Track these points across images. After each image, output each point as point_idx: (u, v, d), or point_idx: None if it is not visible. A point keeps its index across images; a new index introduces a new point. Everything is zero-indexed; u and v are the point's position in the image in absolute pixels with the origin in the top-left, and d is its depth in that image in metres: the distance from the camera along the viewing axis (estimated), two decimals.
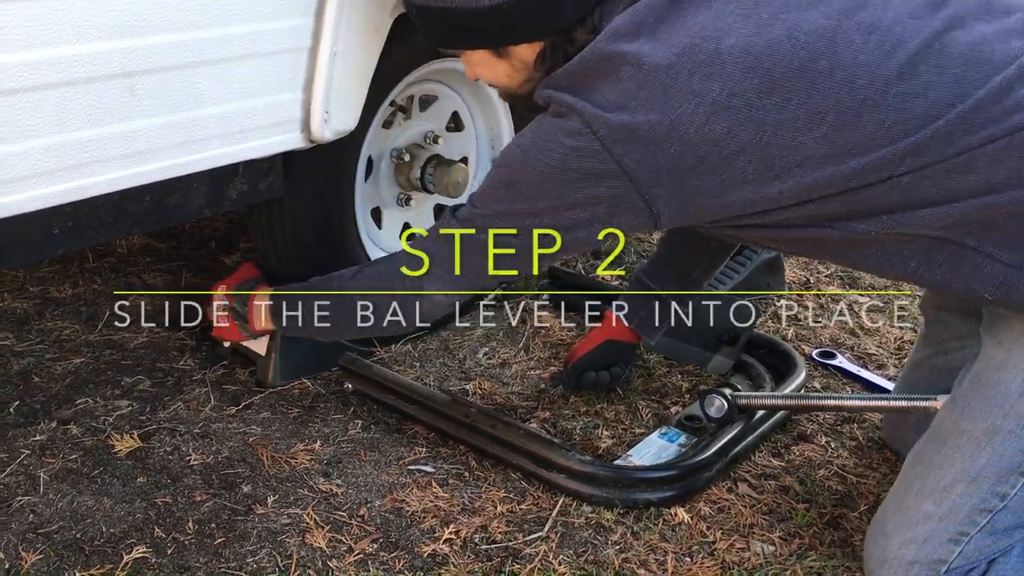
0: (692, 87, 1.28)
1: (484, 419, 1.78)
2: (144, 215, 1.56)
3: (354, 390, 1.95)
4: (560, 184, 1.37)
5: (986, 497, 1.35)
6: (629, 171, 1.32)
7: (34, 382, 1.97)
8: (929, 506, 1.39)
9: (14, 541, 1.52)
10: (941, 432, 1.42)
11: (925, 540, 1.38)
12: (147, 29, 1.38)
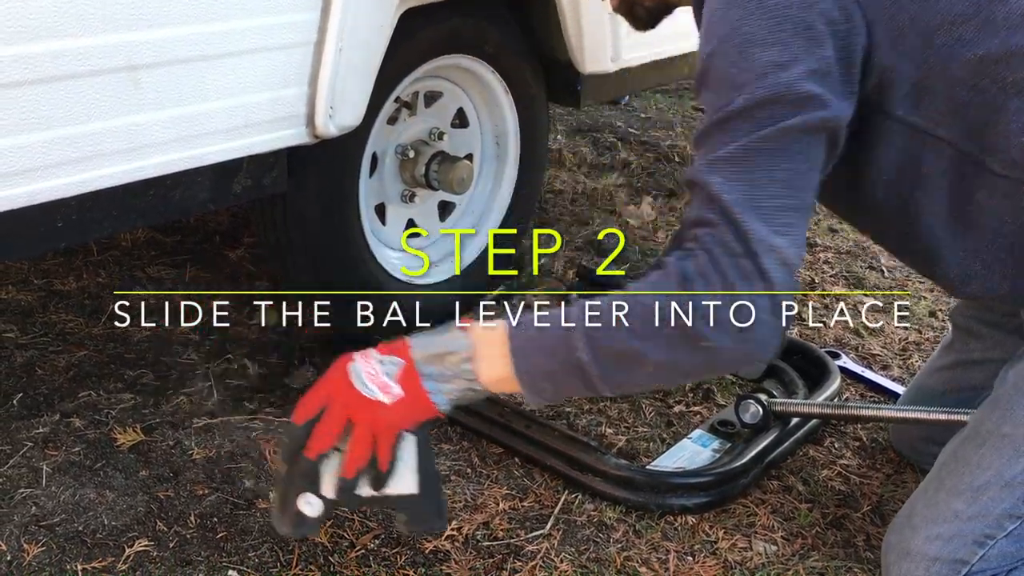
0: None
1: (518, 419, 1.77)
2: (148, 209, 1.56)
3: None
4: (802, 9, 1.16)
5: (1017, 503, 1.33)
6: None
7: (37, 374, 1.97)
8: (959, 505, 1.37)
9: (16, 533, 1.52)
10: (980, 432, 1.40)
11: (951, 538, 1.36)
12: (152, 22, 1.38)
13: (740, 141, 1.17)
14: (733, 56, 1.19)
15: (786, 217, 1.16)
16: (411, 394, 1.16)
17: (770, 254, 1.13)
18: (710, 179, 1.17)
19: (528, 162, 2.37)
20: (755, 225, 1.14)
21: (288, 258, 1.97)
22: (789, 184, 1.17)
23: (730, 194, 1.15)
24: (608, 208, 3.07)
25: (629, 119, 4.18)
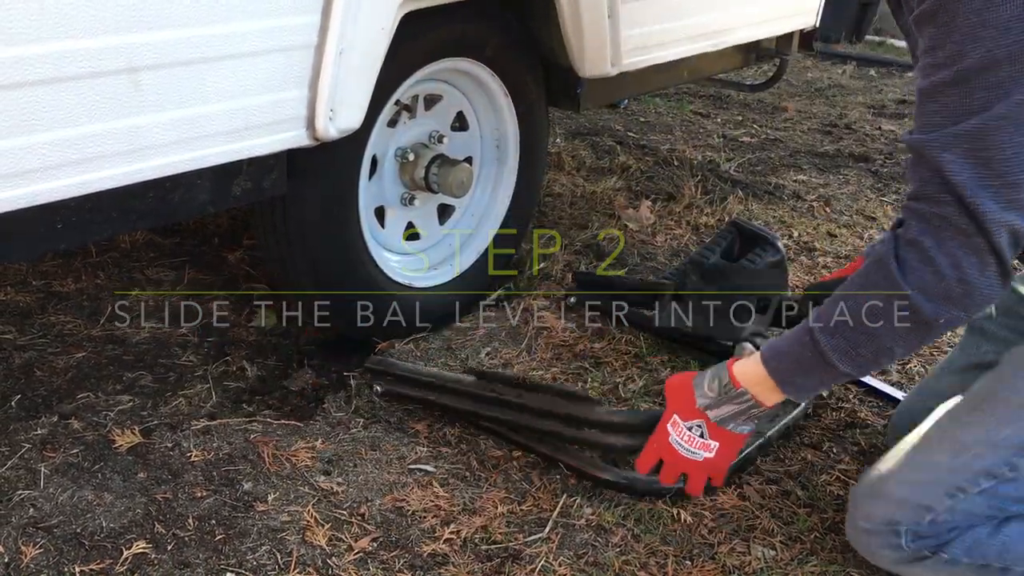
0: None
1: (509, 390, 1.77)
2: (148, 211, 1.56)
3: (385, 391, 1.93)
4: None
5: (998, 463, 1.37)
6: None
7: (36, 376, 1.97)
8: (942, 457, 1.40)
9: (14, 535, 1.51)
10: (978, 395, 1.44)
11: (924, 484, 1.40)
12: (153, 24, 1.38)
13: (976, 117, 1.19)
14: (977, 3, 1.15)
15: (1015, 190, 1.20)
16: (725, 441, 1.51)
17: (1001, 229, 1.21)
18: (942, 157, 1.22)
19: (527, 165, 2.37)
20: (987, 204, 1.20)
21: (287, 261, 1.97)
22: (1020, 156, 1.19)
23: (961, 175, 1.21)
24: (607, 211, 3.08)
25: (628, 123, 4.18)
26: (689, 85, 4.74)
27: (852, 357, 1.36)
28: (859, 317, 1.33)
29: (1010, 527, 1.40)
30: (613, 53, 2.21)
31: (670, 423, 1.53)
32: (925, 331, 1.32)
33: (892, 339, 1.33)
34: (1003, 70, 1.16)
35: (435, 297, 2.24)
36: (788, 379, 1.43)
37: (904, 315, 1.29)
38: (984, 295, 1.27)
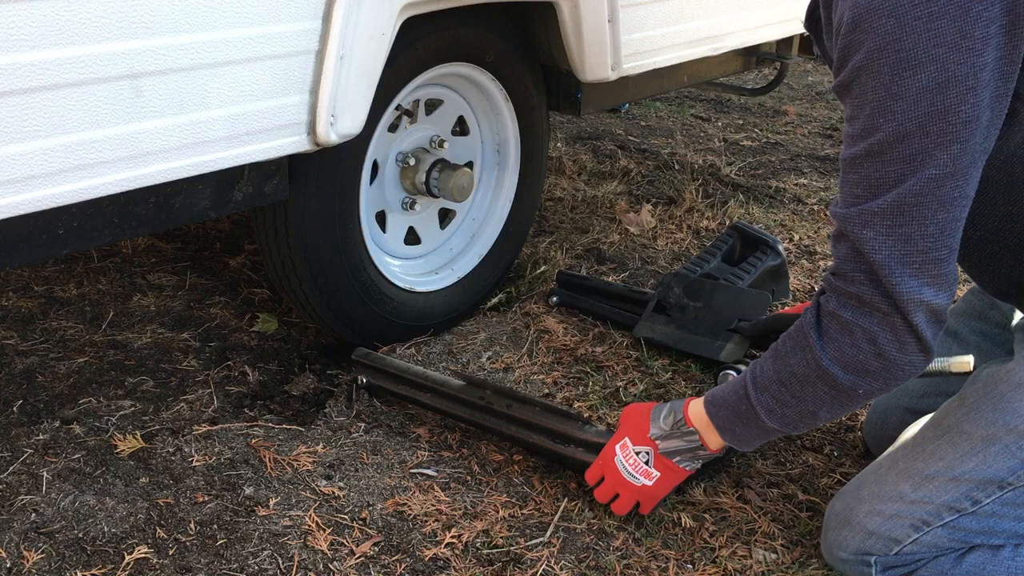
0: None
1: (499, 399, 1.78)
2: (149, 216, 1.56)
3: (368, 384, 1.94)
4: (955, 19, 1.10)
5: (960, 498, 1.39)
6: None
7: (38, 381, 1.97)
8: (906, 488, 1.43)
9: (16, 540, 1.52)
10: (942, 424, 1.45)
11: (891, 517, 1.43)
12: (154, 30, 1.39)
13: (891, 192, 1.18)
14: (885, 76, 1.15)
15: (938, 266, 1.21)
16: (666, 473, 1.55)
17: (919, 308, 1.22)
18: (862, 234, 1.21)
19: (528, 170, 2.38)
20: (906, 283, 1.20)
21: (289, 265, 1.98)
22: (942, 231, 1.19)
23: (880, 252, 1.20)
24: (608, 215, 3.08)
25: (629, 127, 4.19)
26: (690, 89, 4.74)
27: (778, 416, 1.39)
28: (784, 379, 1.36)
29: (973, 556, 1.42)
30: (613, 58, 2.22)
31: (619, 444, 1.57)
32: (845, 399, 1.33)
33: (815, 404, 1.35)
34: (915, 142, 1.15)
35: (436, 301, 2.24)
36: (728, 427, 1.47)
37: (821, 384, 1.32)
38: (904, 371, 1.28)
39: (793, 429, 1.42)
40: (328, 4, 1.59)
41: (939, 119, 1.13)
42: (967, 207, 1.21)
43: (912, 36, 1.11)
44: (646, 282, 2.60)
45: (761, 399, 1.39)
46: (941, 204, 1.17)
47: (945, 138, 1.14)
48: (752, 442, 1.49)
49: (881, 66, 1.14)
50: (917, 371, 1.29)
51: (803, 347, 1.33)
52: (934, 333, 1.26)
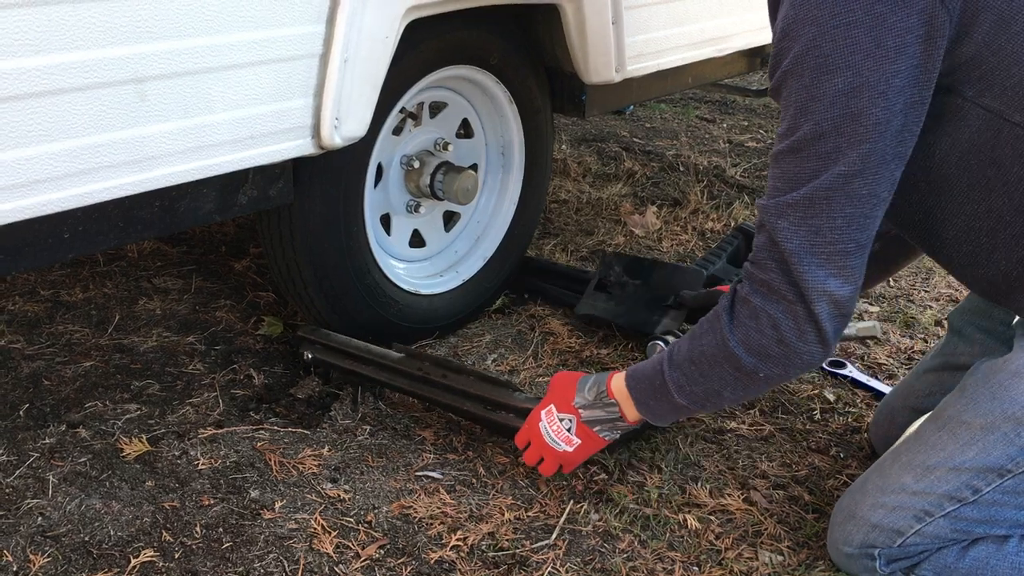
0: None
1: (436, 369, 1.86)
2: (154, 220, 1.56)
3: (313, 358, 2.00)
4: (871, 28, 1.19)
5: (960, 487, 1.40)
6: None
7: (44, 385, 1.98)
8: (908, 479, 1.44)
9: (22, 544, 1.52)
10: (942, 416, 1.46)
11: (893, 509, 1.45)
12: (158, 35, 1.39)
13: (805, 186, 1.27)
14: (807, 78, 1.23)
15: (844, 258, 1.29)
16: (587, 442, 1.60)
17: (823, 297, 1.29)
18: (777, 223, 1.30)
19: (533, 172, 2.38)
20: (812, 271, 1.29)
21: (294, 268, 1.98)
22: (850, 224, 1.27)
23: (791, 241, 1.29)
24: (613, 218, 3.08)
25: (634, 129, 4.18)
26: (694, 91, 4.74)
27: (686, 392, 1.46)
28: (696, 357, 1.44)
29: (976, 549, 1.43)
30: (618, 60, 2.22)
31: (545, 411, 1.63)
32: (748, 381, 1.41)
33: (720, 383, 1.43)
34: (830, 141, 1.24)
35: (441, 304, 2.24)
36: (643, 400, 1.53)
37: (727, 365, 1.40)
38: (803, 360, 1.35)
39: (700, 407, 1.50)
40: (332, 8, 1.60)
41: (852, 120, 1.22)
42: (879, 206, 1.28)
43: (831, 43, 1.21)
44: (581, 268, 2.59)
45: (673, 376, 1.46)
46: (849, 199, 1.25)
47: (856, 138, 1.22)
48: (665, 417, 1.55)
49: (803, 70, 1.23)
50: (815, 361, 1.36)
51: (715, 329, 1.41)
52: (835, 326, 1.32)
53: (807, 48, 1.23)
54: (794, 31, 1.24)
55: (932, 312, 2.51)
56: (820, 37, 1.21)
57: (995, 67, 1.25)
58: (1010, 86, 1.26)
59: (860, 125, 1.22)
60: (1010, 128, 1.28)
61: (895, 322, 2.45)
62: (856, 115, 1.22)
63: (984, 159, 1.31)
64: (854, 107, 1.22)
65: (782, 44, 1.26)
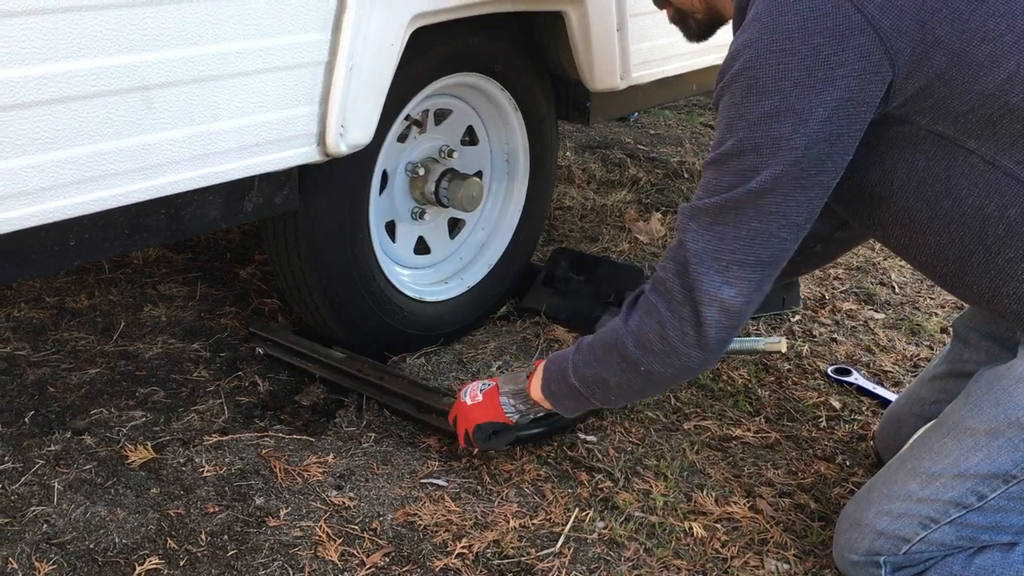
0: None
1: (373, 371, 1.98)
2: (160, 227, 1.57)
3: (265, 354, 2.13)
4: (805, 58, 1.23)
5: (966, 493, 1.40)
6: (874, 21, 1.23)
7: (49, 392, 1.98)
8: (913, 486, 1.44)
9: (27, 551, 1.52)
10: (947, 423, 1.46)
11: (899, 516, 1.44)
12: (165, 43, 1.39)
13: (718, 196, 1.32)
14: (737, 97, 1.29)
15: (743, 270, 1.33)
16: (487, 402, 1.67)
17: (713, 303, 1.34)
18: (688, 224, 1.36)
19: (537, 179, 2.38)
20: (708, 275, 1.33)
21: (299, 275, 1.98)
22: (754, 238, 1.31)
23: (696, 243, 1.35)
24: (617, 224, 3.08)
25: (638, 135, 4.19)
26: (699, 97, 4.74)
27: (580, 375, 1.52)
28: (596, 341, 1.51)
29: (982, 557, 1.42)
30: (622, 67, 2.22)
31: (474, 382, 1.74)
32: (631, 373, 1.45)
33: (608, 370, 1.48)
34: (749, 159, 1.29)
35: (446, 310, 2.24)
36: (548, 379, 1.60)
37: (616, 352, 1.45)
38: (681, 360, 1.39)
39: (590, 394, 1.53)
40: (338, 15, 1.60)
41: (772, 143, 1.26)
42: (788, 228, 1.31)
43: (765, 67, 1.26)
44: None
45: (575, 357, 1.53)
46: (757, 214, 1.30)
47: (773, 159, 1.27)
48: (560, 400, 1.59)
49: (736, 89, 1.29)
50: (693, 364, 1.39)
51: (618, 319, 1.47)
52: (719, 334, 1.36)
53: (743, 68, 1.28)
54: (737, 51, 1.30)
55: (938, 319, 2.50)
56: (756, 60, 1.26)
57: (946, 96, 1.28)
58: (963, 113, 1.29)
59: (779, 148, 1.26)
60: (964, 155, 1.31)
61: (900, 329, 2.45)
62: (776, 139, 1.26)
63: (939, 189, 1.34)
64: (776, 131, 1.26)
65: (725, 62, 1.33)
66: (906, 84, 1.27)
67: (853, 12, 1.23)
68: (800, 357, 2.25)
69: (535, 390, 1.62)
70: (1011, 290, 1.37)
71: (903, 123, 1.32)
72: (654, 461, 1.83)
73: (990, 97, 1.27)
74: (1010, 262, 1.35)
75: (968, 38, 1.25)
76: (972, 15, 1.25)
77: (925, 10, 1.24)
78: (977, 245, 1.35)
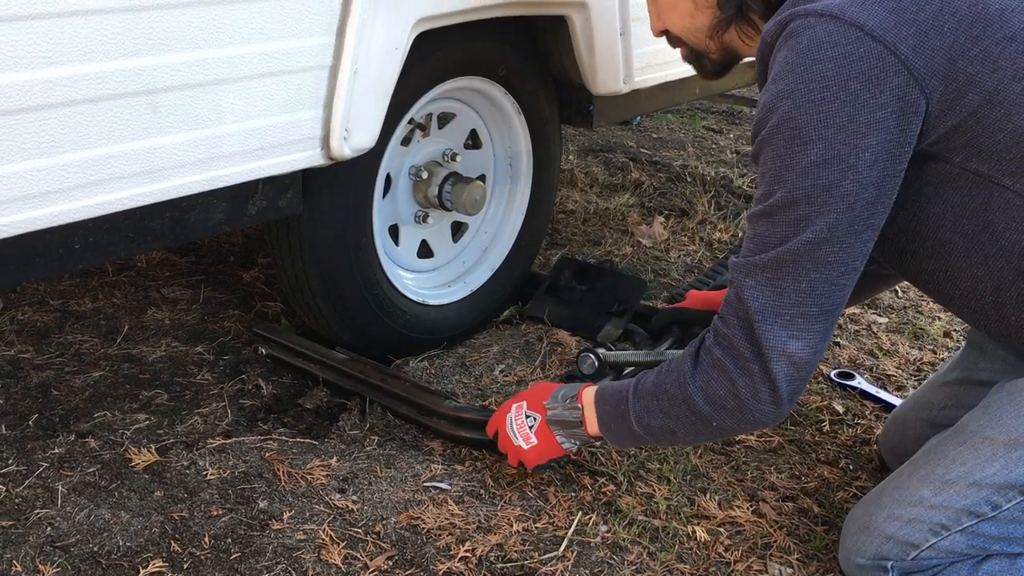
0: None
1: (375, 373, 1.99)
2: (164, 231, 1.57)
3: (268, 354, 2.16)
4: (845, 104, 1.23)
5: (980, 502, 1.39)
6: (907, 62, 1.23)
7: (53, 395, 1.98)
8: (926, 492, 1.43)
9: (32, 554, 1.52)
10: (965, 431, 1.45)
11: (909, 521, 1.44)
12: (170, 47, 1.40)
13: (774, 250, 1.31)
14: (781, 149, 1.29)
15: (807, 322, 1.32)
16: (544, 443, 1.65)
17: (781, 358, 1.33)
18: (745, 281, 1.35)
19: (540, 182, 2.38)
20: (773, 331, 1.32)
21: (302, 279, 1.98)
22: (814, 289, 1.31)
23: (756, 300, 1.33)
24: (620, 228, 3.08)
25: (641, 139, 4.19)
26: (701, 101, 4.74)
27: (644, 424, 1.50)
28: (659, 392, 1.48)
29: (989, 564, 1.42)
30: (625, 71, 2.22)
31: (516, 404, 1.69)
32: (702, 427, 1.44)
33: (676, 422, 1.46)
34: (801, 209, 1.28)
35: (449, 314, 2.25)
36: (605, 419, 1.57)
37: (684, 407, 1.44)
38: (755, 417, 1.38)
39: (655, 441, 1.53)
40: (342, 20, 1.60)
41: (822, 191, 1.26)
42: (847, 274, 1.31)
43: (805, 116, 1.25)
44: (659, 295, 2.60)
45: (636, 405, 1.51)
46: (816, 265, 1.29)
47: (826, 207, 1.27)
48: (622, 441, 1.59)
49: (779, 141, 1.29)
50: (767, 419, 1.38)
51: (680, 371, 1.45)
52: (791, 388, 1.35)
53: (783, 120, 1.28)
54: (772, 104, 1.29)
55: (941, 323, 2.50)
56: (795, 110, 1.26)
57: (979, 135, 1.29)
58: (996, 151, 1.29)
59: (830, 196, 1.26)
60: (1000, 192, 1.31)
61: (904, 333, 2.45)
62: (827, 186, 1.26)
63: (977, 223, 1.34)
64: (825, 178, 1.26)
65: (761, 115, 1.32)
66: (940, 122, 1.28)
67: (886, 54, 1.23)
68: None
69: (591, 427, 1.60)
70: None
71: (938, 160, 1.32)
72: (657, 465, 1.83)
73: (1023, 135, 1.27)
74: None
75: (999, 77, 1.26)
76: (1002, 53, 1.26)
77: (956, 49, 1.25)
78: (1016, 276, 1.35)
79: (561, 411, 1.63)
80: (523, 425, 1.66)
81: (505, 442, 1.69)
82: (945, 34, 1.24)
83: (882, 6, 1.24)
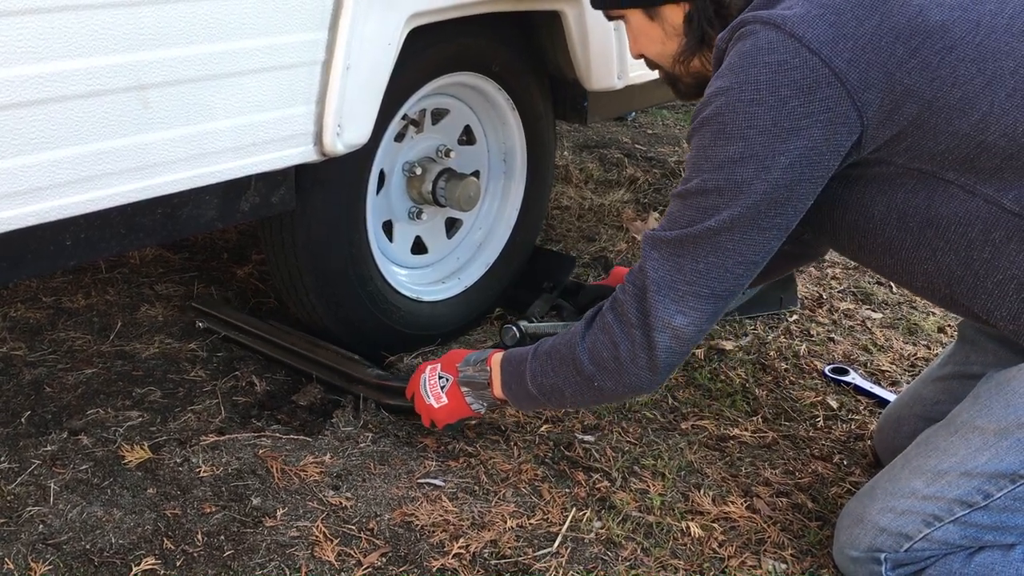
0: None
1: (303, 343, 2.07)
2: (156, 227, 1.56)
3: (205, 327, 2.22)
4: (772, 108, 1.30)
5: (971, 492, 1.40)
6: (840, 75, 1.28)
7: (45, 392, 1.98)
8: (918, 484, 1.45)
9: (23, 551, 1.52)
10: (955, 422, 1.47)
11: (902, 513, 1.45)
12: (161, 42, 1.39)
13: (679, 229, 1.40)
14: (706, 140, 1.37)
15: (697, 301, 1.40)
16: (454, 403, 1.73)
17: (666, 330, 1.41)
18: (650, 253, 1.43)
19: (535, 178, 2.38)
20: (664, 303, 1.41)
21: (295, 275, 1.98)
22: (710, 271, 1.39)
23: (655, 272, 1.42)
24: (615, 224, 3.08)
25: (635, 135, 4.19)
26: None
27: (538, 382, 1.58)
28: (552, 353, 1.57)
29: (982, 556, 1.42)
30: (619, 66, 2.22)
31: (430, 367, 1.77)
32: (586, 387, 1.52)
33: (564, 381, 1.55)
34: (711, 198, 1.36)
35: (444, 310, 2.24)
36: (507, 380, 1.65)
37: (573, 366, 1.52)
38: (631, 380, 1.47)
39: (547, 401, 1.61)
40: (334, 15, 1.60)
41: (734, 186, 1.34)
42: (743, 265, 1.39)
43: (733, 114, 1.32)
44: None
45: (532, 365, 1.59)
46: (714, 250, 1.37)
47: (734, 201, 1.34)
48: (520, 401, 1.66)
49: (707, 132, 1.36)
50: (643, 384, 1.47)
51: (574, 332, 1.54)
52: (668, 359, 1.43)
53: (714, 114, 1.35)
54: (710, 97, 1.37)
55: (935, 319, 2.51)
56: (726, 107, 1.33)
57: (921, 139, 1.33)
58: (939, 153, 1.33)
59: (740, 191, 1.33)
60: (944, 186, 1.35)
61: (898, 328, 2.45)
62: (739, 183, 1.33)
63: (922, 220, 1.38)
64: (738, 175, 1.33)
65: (700, 105, 1.40)
66: (878, 133, 1.33)
67: (820, 66, 1.28)
68: (797, 357, 2.26)
69: (496, 388, 1.68)
70: (1004, 312, 1.39)
71: (880, 163, 1.37)
72: (651, 461, 1.83)
73: (965, 137, 1.31)
74: (999, 284, 1.37)
75: (938, 85, 1.30)
76: (941, 63, 1.29)
77: (893, 62, 1.29)
78: (965, 271, 1.39)
79: (472, 373, 1.71)
80: (435, 385, 1.75)
81: (419, 402, 1.77)
82: (882, 48, 1.29)
83: (824, 20, 1.29)
